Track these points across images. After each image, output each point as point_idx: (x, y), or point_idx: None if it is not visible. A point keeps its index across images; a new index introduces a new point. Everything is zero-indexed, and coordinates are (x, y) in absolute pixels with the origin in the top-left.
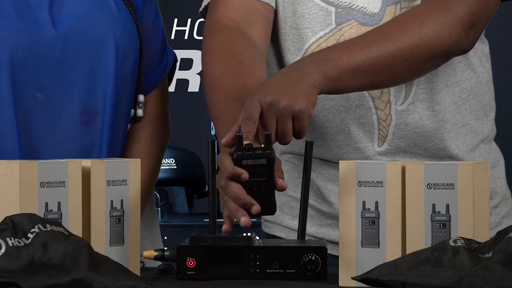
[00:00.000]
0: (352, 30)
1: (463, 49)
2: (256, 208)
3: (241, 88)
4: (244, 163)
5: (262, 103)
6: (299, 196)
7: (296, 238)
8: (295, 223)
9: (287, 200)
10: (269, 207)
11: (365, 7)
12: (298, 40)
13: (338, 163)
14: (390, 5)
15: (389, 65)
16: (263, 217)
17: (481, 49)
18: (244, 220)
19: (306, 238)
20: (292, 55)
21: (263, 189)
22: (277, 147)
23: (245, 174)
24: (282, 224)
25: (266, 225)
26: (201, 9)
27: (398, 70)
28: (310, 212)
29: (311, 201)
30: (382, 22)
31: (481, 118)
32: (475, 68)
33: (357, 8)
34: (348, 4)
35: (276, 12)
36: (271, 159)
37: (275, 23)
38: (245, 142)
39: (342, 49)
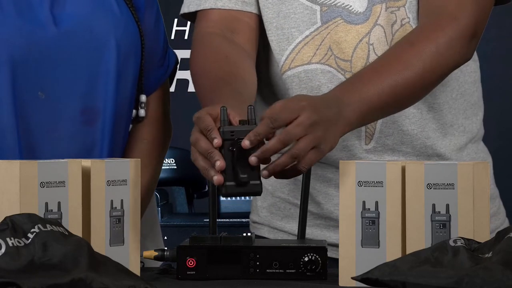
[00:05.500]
0: (338, 28)
1: (467, 60)
2: (220, 163)
3: (228, 74)
4: (231, 135)
5: (309, 110)
6: (287, 197)
7: (285, 239)
8: (284, 224)
9: (275, 201)
10: (253, 177)
11: (350, 5)
12: (283, 40)
13: (325, 163)
14: (375, 4)
15: (411, 94)
16: (252, 218)
17: None
18: (216, 179)
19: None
20: (277, 55)
21: (248, 154)
22: None
23: (218, 140)
24: (271, 225)
25: (254, 226)
26: (181, 12)
27: (419, 94)
28: (299, 212)
29: (300, 201)
30: (368, 22)
31: (470, 117)
32: (461, 67)
33: (342, 6)
34: (332, 2)
35: (261, 15)
36: None
37: (260, 26)
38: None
39: (374, 86)
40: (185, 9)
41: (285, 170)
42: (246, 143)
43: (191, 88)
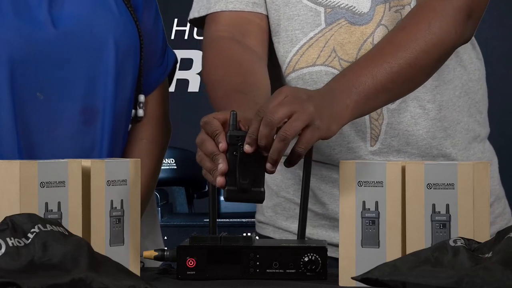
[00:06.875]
0: (342, 30)
1: (466, 40)
2: (222, 166)
3: (242, 84)
4: (237, 140)
5: (292, 91)
6: (292, 197)
7: (285, 239)
8: (288, 224)
9: (280, 201)
10: (256, 184)
11: (354, 6)
12: (287, 42)
13: (330, 164)
14: (379, 4)
15: (409, 76)
16: (257, 218)
17: (471, 46)
18: (219, 180)
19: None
20: (281, 57)
21: (252, 160)
22: None
23: (223, 144)
24: (276, 225)
25: (259, 226)
26: (190, 17)
27: (417, 77)
28: (299, 212)
29: (300, 201)
30: (372, 22)
31: (474, 115)
32: (465, 65)
33: (346, 7)
34: (336, 4)
35: (268, 16)
36: None
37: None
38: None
39: (366, 70)
40: (195, 14)
41: (289, 157)
42: (246, 147)
43: (191, 88)
